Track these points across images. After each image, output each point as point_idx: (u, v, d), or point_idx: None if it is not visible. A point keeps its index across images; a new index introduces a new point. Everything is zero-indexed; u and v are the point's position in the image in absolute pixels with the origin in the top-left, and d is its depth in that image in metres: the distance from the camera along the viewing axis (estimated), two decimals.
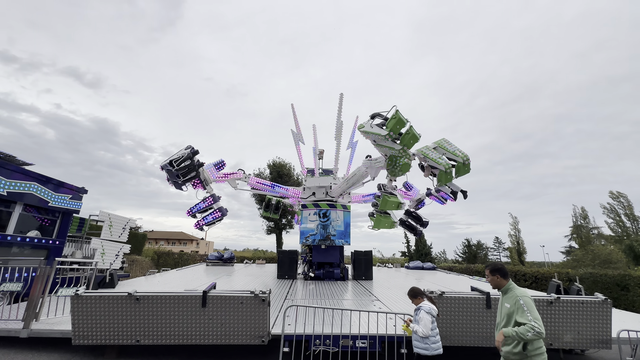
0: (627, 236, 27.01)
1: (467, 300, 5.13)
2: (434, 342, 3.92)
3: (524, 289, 3.39)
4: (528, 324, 3.01)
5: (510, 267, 18.53)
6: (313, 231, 12.44)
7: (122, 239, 10.35)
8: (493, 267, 3.54)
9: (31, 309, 5.69)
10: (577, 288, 8.14)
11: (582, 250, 25.27)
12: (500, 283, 3.46)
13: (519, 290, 3.32)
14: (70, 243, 10.61)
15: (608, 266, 19.09)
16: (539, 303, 5.15)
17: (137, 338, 4.93)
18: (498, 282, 3.47)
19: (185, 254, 27.84)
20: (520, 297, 3.20)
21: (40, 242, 8.60)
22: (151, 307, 4.96)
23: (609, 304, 5.20)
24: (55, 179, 9.08)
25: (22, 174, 8.04)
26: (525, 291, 3.35)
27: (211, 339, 4.96)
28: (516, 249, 37.29)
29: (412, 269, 17.66)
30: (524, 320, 3.07)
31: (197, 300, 5.00)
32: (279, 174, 28.77)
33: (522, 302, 3.17)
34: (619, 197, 29.48)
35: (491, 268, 3.54)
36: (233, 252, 17.96)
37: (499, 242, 43.02)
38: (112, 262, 9.57)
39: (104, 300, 4.95)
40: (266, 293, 5.07)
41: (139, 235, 23.53)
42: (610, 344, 5.11)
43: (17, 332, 5.51)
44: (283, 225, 30.31)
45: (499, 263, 3.67)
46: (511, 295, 3.31)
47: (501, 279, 3.45)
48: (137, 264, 19.24)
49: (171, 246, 60.47)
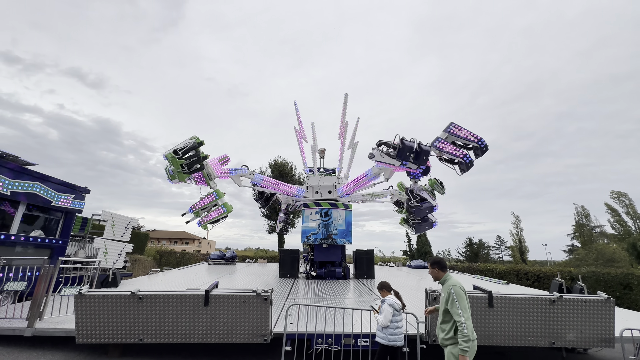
0: (630, 235, 26.88)
1: (469, 299, 5.11)
2: (392, 333, 4.16)
3: (458, 279, 3.67)
4: (459, 332, 3.28)
5: (512, 266, 18.49)
6: (315, 230, 12.45)
7: (125, 238, 10.40)
8: (432, 260, 3.86)
9: (35, 308, 5.73)
10: (580, 287, 8.12)
11: (586, 249, 25.18)
12: (438, 275, 3.76)
13: (453, 281, 3.58)
14: (73, 242, 10.67)
15: (611, 265, 19.01)
16: (541, 302, 5.14)
17: (140, 337, 4.95)
18: (437, 274, 3.78)
19: (187, 253, 27.95)
20: (452, 287, 3.47)
21: (44, 241, 8.65)
22: (154, 306, 4.98)
23: (611, 303, 5.18)
24: (58, 179, 9.11)
25: (25, 173, 8.07)
26: (458, 282, 3.58)
27: (214, 337, 4.97)
28: (518, 248, 37.21)
29: (413, 267, 17.65)
30: (452, 309, 3.38)
31: (200, 299, 5.01)
32: (280, 173, 28.80)
33: (452, 291, 3.44)
34: (620, 197, 29.35)
35: (431, 262, 3.87)
36: (235, 252, 18.02)
37: (501, 240, 42.97)
38: (115, 261, 9.62)
39: (107, 299, 4.98)
40: (268, 292, 5.08)
41: (141, 235, 23.62)
42: (613, 343, 5.09)
43: (21, 331, 5.55)
44: (284, 225, 30.32)
45: (438, 257, 4.02)
46: (446, 286, 3.58)
47: (439, 271, 3.77)
48: (139, 264, 19.32)
49: (173, 245, 60.70)
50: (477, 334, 5.12)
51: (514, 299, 5.14)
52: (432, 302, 5.07)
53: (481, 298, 5.15)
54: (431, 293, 5.09)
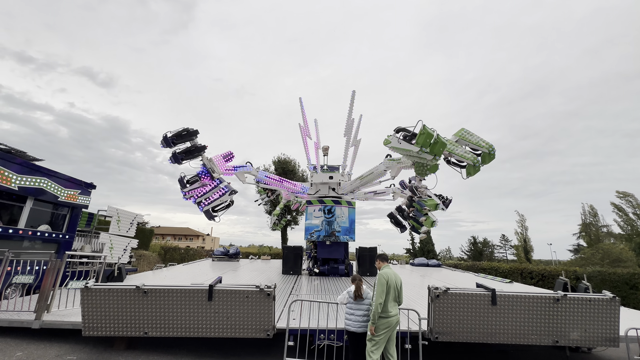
0: (637, 234, 26.51)
1: (472, 297, 5.10)
2: (346, 317, 4.72)
3: (386, 270, 4.52)
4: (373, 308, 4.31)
5: (516, 265, 18.37)
6: (318, 227, 12.47)
7: (130, 234, 10.49)
8: (377, 255, 5.08)
9: (42, 301, 5.84)
10: (585, 286, 8.05)
11: (592, 248, 24.89)
12: (380, 265, 4.74)
13: (382, 271, 4.53)
14: (80, 237, 10.81)
15: (618, 265, 18.79)
16: (545, 300, 5.10)
17: (145, 330, 5.02)
18: (379, 265, 4.77)
19: (191, 249, 28.19)
20: (378, 275, 4.48)
21: (51, 236, 8.78)
22: (159, 300, 5.04)
23: (617, 302, 5.12)
24: (65, 175, 9.23)
25: (32, 169, 8.18)
26: (387, 272, 4.46)
27: (217, 332, 5.03)
28: (523, 247, 36.88)
29: (417, 265, 17.61)
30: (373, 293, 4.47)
31: (204, 294, 5.06)
32: (284, 170, 28.83)
33: (377, 278, 4.44)
34: (626, 197, 28.93)
35: (376, 256, 5.05)
36: (238, 248, 18.11)
37: (506, 239, 42.62)
38: (120, 256, 9.71)
39: (113, 293, 5.05)
40: (271, 287, 5.11)
41: (146, 231, 23.87)
42: (618, 342, 5.05)
43: (29, 323, 5.67)
44: (288, 222, 30.42)
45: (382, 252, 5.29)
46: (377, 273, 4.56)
47: (380, 262, 4.77)
48: (144, 259, 19.54)
49: (178, 242, 61.21)
50: (480, 331, 5.15)
51: (517, 297, 5.11)
52: (435, 299, 5.07)
53: (484, 296, 5.13)
54: (434, 290, 5.08)
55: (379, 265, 4.73)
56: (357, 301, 4.65)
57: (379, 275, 4.43)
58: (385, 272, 4.48)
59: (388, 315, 4.33)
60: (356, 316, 4.60)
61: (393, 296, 4.43)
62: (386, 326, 4.32)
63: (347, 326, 4.66)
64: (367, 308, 4.61)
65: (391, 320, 4.35)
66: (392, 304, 4.41)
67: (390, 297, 4.38)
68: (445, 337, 5.02)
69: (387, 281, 4.36)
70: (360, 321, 4.57)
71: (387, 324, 4.33)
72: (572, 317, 5.09)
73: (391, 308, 4.38)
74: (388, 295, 4.35)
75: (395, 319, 4.40)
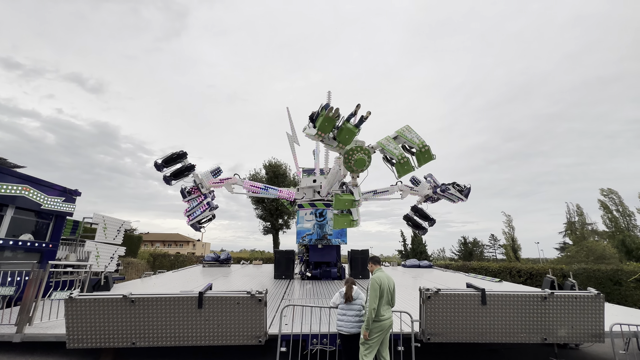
0: (620, 231, 27.39)
1: (462, 297, 5.16)
2: (338, 319, 4.71)
3: (379, 274, 4.51)
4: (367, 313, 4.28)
5: (505, 264, 18.73)
6: (310, 231, 12.44)
7: (117, 241, 10.22)
8: (369, 257, 5.04)
9: (24, 313, 5.62)
10: (571, 283, 8.25)
11: (577, 246, 25.56)
12: (372, 269, 4.74)
13: (374, 275, 4.54)
14: (64, 246, 10.48)
15: (602, 262, 19.34)
16: (533, 299, 5.20)
17: (132, 341, 4.88)
18: (372, 268, 4.77)
19: (181, 255, 27.68)
20: (371, 279, 4.47)
21: (33, 245, 8.48)
22: (147, 309, 4.91)
23: (601, 299, 5.26)
24: (48, 181, 8.94)
25: (13, 176, 7.91)
26: (379, 276, 4.47)
27: (208, 340, 4.93)
28: (511, 246, 37.60)
29: (408, 267, 17.73)
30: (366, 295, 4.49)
31: (193, 302, 4.96)
32: (275, 174, 28.71)
33: (370, 283, 4.43)
34: (610, 194, 29.94)
35: (369, 258, 5.03)
36: (230, 253, 17.88)
37: (495, 239, 43.43)
38: (107, 264, 9.45)
39: (99, 303, 4.90)
40: (263, 293, 5.05)
41: (134, 238, 23.30)
42: (603, 338, 5.18)
43: (10, 336, 5.43)
44: (279, 226, 30.26)
45: (374, 255, 5.15)
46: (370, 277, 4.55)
47: (373, 265, 4.79)
48: (132, 267, 19.06)
49: (167, 248, 60.06)
50: (471, 331, 5.21)
51: (507, 296, 5.19)
52: (426, 300, 5.10)
53: (474, 296, 5.19)
54: (425, 292, 5.12)
55: (372, 268, 4.74)
56: (348, 303, 4.67)
57: (371, 280, 4.43)
58: (378, 275, 4.50)
59: (381, 318, 4.35)
60: (348, 317, 4.62)
61: (386, 299, 4.45)
62: (379, 330, 4.35)
63: (339, 328, 4.65)
64: (359, 309, 4.64)
65: (384, 323, 4.38)
66: (385, 307, 4.43)
67: (383, 301, 4.41)
68: (437, 338, 5.05)
69: (380, 285, 4.38)
70: (352, 322, 4.58)
71: (380, 328, 4.35)
72: (560, 315, 5.20)
73: (384, 312, 4.41)
74: (381, 299, 4.37)
75: (388, 322, 4.42)
